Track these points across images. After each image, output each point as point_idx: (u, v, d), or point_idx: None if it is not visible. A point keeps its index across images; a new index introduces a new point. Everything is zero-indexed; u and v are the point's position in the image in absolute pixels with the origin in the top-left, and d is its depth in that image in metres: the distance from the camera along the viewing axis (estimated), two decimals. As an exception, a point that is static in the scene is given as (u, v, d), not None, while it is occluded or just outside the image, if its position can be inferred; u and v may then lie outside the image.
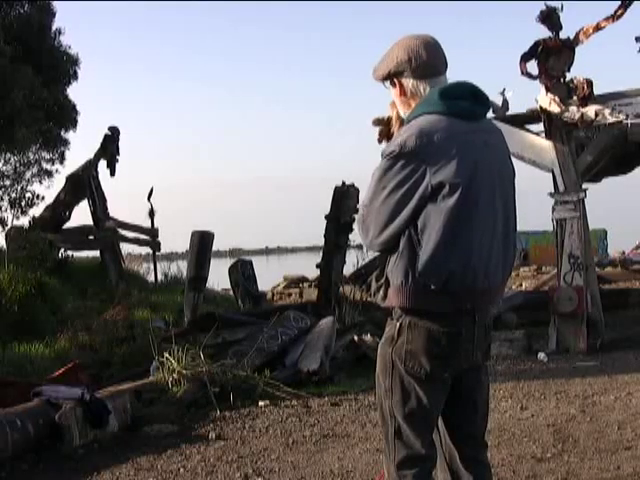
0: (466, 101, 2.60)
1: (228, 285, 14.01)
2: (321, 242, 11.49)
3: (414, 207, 2.50)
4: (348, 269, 12.14)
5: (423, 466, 2.64)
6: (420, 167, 2.48)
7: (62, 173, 16.10)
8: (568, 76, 10.05)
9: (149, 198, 16.36)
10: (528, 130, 10.41)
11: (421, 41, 2.65)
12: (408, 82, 2.67)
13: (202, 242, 10.95)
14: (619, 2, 9.66)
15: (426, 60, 2.64)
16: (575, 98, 9.81)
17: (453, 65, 2.73)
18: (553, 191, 9.97)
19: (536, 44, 9.94)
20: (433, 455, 2.69)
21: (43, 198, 15.86)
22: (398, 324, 2.59)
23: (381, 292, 2.62)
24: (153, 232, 16.83)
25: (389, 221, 2.53)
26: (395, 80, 2.69)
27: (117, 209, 19.27)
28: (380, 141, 2.89)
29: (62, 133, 15.81)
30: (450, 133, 2.52)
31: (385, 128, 2.87)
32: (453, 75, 2.72)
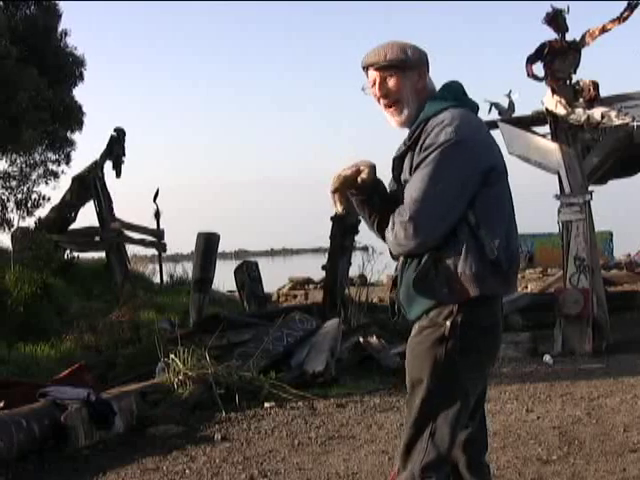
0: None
1: (234, 286, 14.00)
2: (327, 244, 11.48)
3: (469, 196, 2.54)
4: (354, 271, 12.13)
5: (445, 467, 2.64)
6: (472, 154, 2.55)
7: (68, 174, 16.20)
8: (574, 78, 10.04)
9: (155, 199, 16.41)
10: (534, 132, 10.40)
11: None
12: (427, 76, 2.77)
13: (207, 244, 10.94)
14: (625, 4, 9.65)
15: None
16: (581, 100, 9.80)
17: (458, 66, 2.80)
18: (559, 193, 9.96)
19: (542, 46, 9.92)
20: (450, 456, 2.68)
21: (49, 199, 15.96)
22: (449, 323, 2.54)
23: (444, 289, 2.54)
24: (159, 233, 16.86)
25: (447, 215, 2.52)
26: (417, 70, 2.73)
27: (123, 210, 19.28)
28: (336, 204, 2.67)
29: (68, 134, 15.87)
30: (481, 124, 2.70)
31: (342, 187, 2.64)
32: (456, 77, 2.81)
